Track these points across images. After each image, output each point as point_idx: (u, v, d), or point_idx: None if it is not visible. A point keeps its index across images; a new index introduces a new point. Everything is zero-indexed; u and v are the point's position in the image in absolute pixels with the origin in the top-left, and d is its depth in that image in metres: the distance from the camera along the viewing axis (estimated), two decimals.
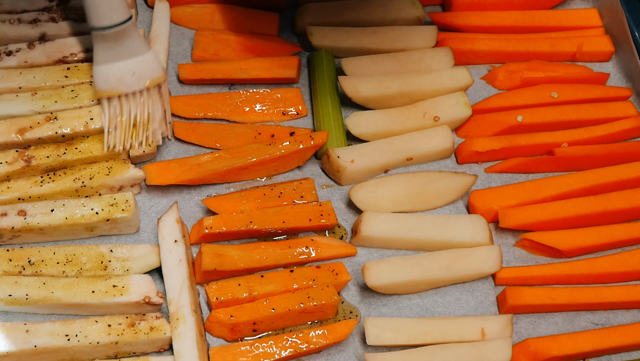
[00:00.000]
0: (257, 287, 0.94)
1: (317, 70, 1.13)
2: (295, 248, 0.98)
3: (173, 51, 1.16)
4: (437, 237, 1.00)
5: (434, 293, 1.00)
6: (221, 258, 0.95)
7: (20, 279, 0.91)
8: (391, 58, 1.14)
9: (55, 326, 0.88)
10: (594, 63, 1.23)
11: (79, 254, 0.94)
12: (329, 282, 0.95)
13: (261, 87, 1.14)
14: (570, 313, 1.00)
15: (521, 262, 1.03)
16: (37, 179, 0.97)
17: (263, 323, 0.93)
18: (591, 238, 1.03)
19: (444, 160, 1.11)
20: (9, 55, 1.05)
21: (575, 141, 1.11)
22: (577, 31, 1.24)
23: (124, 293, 0.90)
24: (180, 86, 1.14)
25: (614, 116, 1.14)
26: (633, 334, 0.96)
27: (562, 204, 1.04)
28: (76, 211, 0.95)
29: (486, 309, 0.99)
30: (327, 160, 1.05)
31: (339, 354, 0.94)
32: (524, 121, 1.11)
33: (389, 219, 1.00)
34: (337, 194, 1.07)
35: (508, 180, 1.10)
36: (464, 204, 1.07)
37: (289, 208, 1.00)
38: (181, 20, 1.19)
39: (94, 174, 0.98)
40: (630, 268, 1.02)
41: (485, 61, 1.21)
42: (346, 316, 0.97)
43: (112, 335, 0.88)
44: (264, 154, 1.03)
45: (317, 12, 1.19)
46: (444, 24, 1.22)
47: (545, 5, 1.27)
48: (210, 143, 1.07)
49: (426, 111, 1.10)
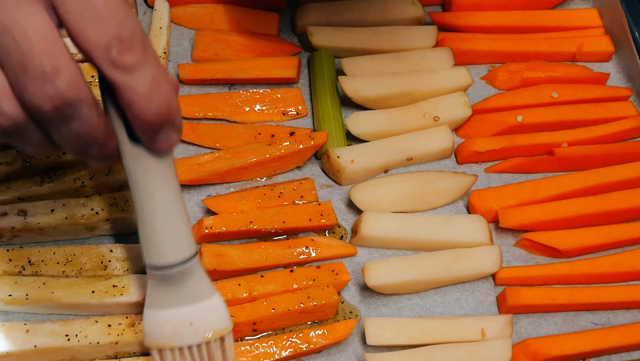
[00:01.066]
0: (257, 287, 0.94)
1: (317, 70, 1.13)
2: (295, 248, 0.98)
3: (173, 51, 1.17)
4: (437, 237, 1.00)
5: (434, 293, 1.00)
6: (221, 258, 0.95)
7: (20, 279, 0.91)
8: (391, 58, 1.14)
9: (55, 326, 0.88)
10: (594, 63, 1.23)
11: (79, 254, 0.94)
12: (329, 282, 0.95)
13: (261, 87, 1.14)
14: (570, 313, 1.00)
15: (521, 262, 1.03)
16: (37, 179, 0.97)
17: (263, 323, 0.93)
18: (591, 238, 1.03)
19: (444, 160, 1.11)
20: None
21: (575, 141, 1.11)
22: (577, 31, 1.24)
23: (124, 293, 0.90)
24: (180, 86, 1.14)
25: (614, 116, 1.14)
26: (633, 334, 0.96)
27: (562, 204, 1.04)
28: (76, 211, 0.95)
29: (486, 309, 0.99)
30: (327, 160, 1.05)
31: (339, 354, 0.94)
32: (524, 121, 1.11)
33: (389, 219, 1.00)
34: (337, 194, 1.07)
35: (508, 180, 1.10)
36: (464, 204, 1.07)
37: (289, 208, 1.00)
38: (181, 20, 1.19)
39: (93, 174, 0.98)
40: (630, 268, 1.02)
41: (485, 61, 1.21)
42: (346, 316, 0.97)
43: (112, 335, 0.88)
44: (264, 154, 1.03)
45: (317, 12, 1.19)
46: (444, 24, 1.22)
47: (545, 5, 1.27)
48: (210, 143, 1.07)
49: (426, 111, 1.10)
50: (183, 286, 0.77)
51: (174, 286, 0.77)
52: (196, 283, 0.78)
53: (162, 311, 0.78)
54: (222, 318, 0.80)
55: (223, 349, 0.81)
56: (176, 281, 0.77)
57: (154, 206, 0.72)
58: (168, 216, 0.73)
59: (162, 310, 0.78)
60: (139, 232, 0.75)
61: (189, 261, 0.76)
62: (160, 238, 0.74)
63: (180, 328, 0.78)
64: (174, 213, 0.73)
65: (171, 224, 0.73)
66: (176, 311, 0.78)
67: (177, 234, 0.74)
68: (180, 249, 0.75)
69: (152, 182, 0.71)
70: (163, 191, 0.72)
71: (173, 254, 0.75)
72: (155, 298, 0.78)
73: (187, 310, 0.78)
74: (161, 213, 0.73)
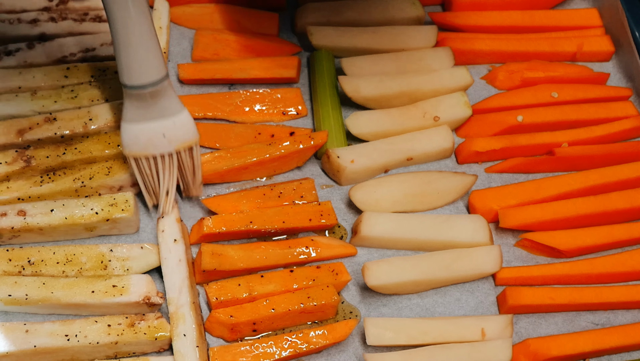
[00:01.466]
0: (257, 287, 0.94)
1: (317, 70, 1.13)
2: (295, 248, 0.98)
3: (173, 51, 1.16)
4: (437, 237, 1.00)
5: (434, 293, 1.00)
6: (221, 258, 0.95)
7: (20, 279, 0.91)
8: (391, 58, 1.14)
9: (55, 326, 0.88)
10: (594, 63, 1.23)
11: (78, 254, 0.94)
12: (329, 282, 0.95)
13: (261, 87, 1.14)
14: (570, 313, 1.00)
15: (521, 262, 1.03)
16: (37, 179, 0.97)
17: (263, 323, 0.93)
18: (591, 238, 1.03)
19: (444, 160, 1.11)
20: (8, 55, 1.05)
21: (575, 141, 1.11)
22: (577, 31, 1.24)
23: (123, 293, 0.90)
24: (180, 86, 1.14)
25: (614, 116, 1.14)
26: (633, 334, 0.96)
27: (562, 204, 1.04)
28: (76, 211, 0.95)
29: (486, 309, 0.99)
30: (327, 160, 1.05)
31: (339, 354, 0.94)
32: (524, 121, 1.11)
33: (389, 219, 1.00)
34: (337, 194, 1.07)
35: (508, 180, 1.10)
36: (464, 204, 1.07)
37: (289, 208, 1.00)
38: (181, 20, 1.19)
39: (93, 174, 0.98)
40: (630, 268, 1.02)
41: (485, 61, 1.21)
42: (346, 316, 0.97)
43: (112, 335, 0.88)
44: (264, 154, 1.03)
45: (317, 12, 1.18)
46: (444, 24, 1.22)
47: (545, 5, 1.27)
48: (210, 143, 1.07)
49: (426, 111, 1.10)
50: (155, 104, 0.88)
51: (147, 103, 0.88)
52: (167, 101, 0.89)
53: (138, 124, 0.90)
54: (190, 130, 0.92)
55: (191, 157, 0.95)
56: (149, 99, 0.87)
57: (128, 34, 0.83)
58: (141, 43, 0.83)
59: (138, 124, 0.90)
60: (115, 55, 0.85)
61: (160, 83, 0.87)
62: (134, 61, 0.84)
63: (154, 139, 0.90)
64: (147, 40, 0.84)
65: (144, 49, 0.84)
66: (150, 124, 0.90)
67: (149, 58, 0.85)
68: (152, 71, 0.86)
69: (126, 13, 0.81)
70: (137, 21, 0.82)
71: (146, 76, 0.86)
72: (132, 113, 0.89)
73: (160, 124, 0.90)
74: (135, 40, 0.83)
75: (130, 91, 0.87)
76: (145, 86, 0.86)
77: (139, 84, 0.86)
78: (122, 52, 0.84)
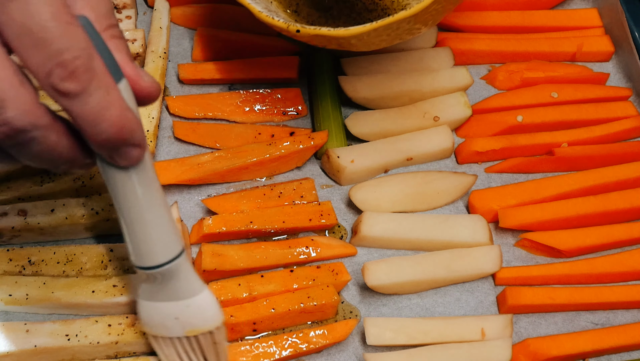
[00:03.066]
0: (257, 287, 0.94)
1: (317, 70, 1.13)
2: (295, 248, 0.98)
3: (173, 51, 1.17)
4: (437, 237, 1.00)
5: (434, 293, 1.00)
6: (221, 258, 0.95)
7: (20, 279, 0.91)
8: (391, 58, 1.14)
9: (55, 326, 0.88)
10: (594, 63, 1.23)
11: (79, 253, 0.94)
12: (329, 282, 0.95)
13: (261, 87, 1.14)
14: (570, 313, 1.00)
15: (521, 262, 1.03)
16: (37, 179, 0.97)
17: (263, 323, 0.93)
18: (591, 238, 1.03)
19: (444, 160, 1.11)
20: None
21: (575, 141, 1.11)
22: (577, 31, 1.24)
23: (124, 293, 0.90)
24: (180, 86, 1.14)
25: (614, 116, 1.14)
26: (633, 334, 0.96)
27: (562, 204, 1.04)
28: (76, 211, 0.95)
29: (486, 309, 0.99)
30: (327, 160, 1.05)
31: (339, 354, 0.94)
32: (524, 121, 1.11)
33: (389, 219, 1.00)
34: (337, 194, 1.07)
35: (508, 180, 1.10)
36: (464, 204, 1.07)
37: (289, 208, 1.00)
38: (181, 20, 1.19)
39: (93, 174, 0.98)
40: (630, 268, 1.02)
41: (485, 61, 1.21)
42: (346, 316, 0.97)
43: (112, 334, 0.88)
44: (264, 154, 1.03)
45: None
46: (444, 24, 1.22)
47: (545, 5, 1.27)
48: (210, 143, 1.07)
49: (426, 111, 1.10)
50: (168, 284, 0.79)
51: (159, 282, 0.79)
52: (181, 281, 0.79)
53: (150, 303, 0.82)
54: (209, 314, 0.82)
55: (214, 342, 0.84)
56: (161, 279, 0.78)
57: (132, 214, 0.73)
58: (147, 223, 0.73)
59: (151, 302, 0.82)
60: (122, 234, 0.76)
61: (172, 262, 0.77)
62: (139, 243, 0.75)
63: (166, 321, 0.81)
64: (154, 219, 0.74)
65: (151, 229, 0.74)
66: (162, 305, 0.81)
67: (157, 239, 0.75)
68: (160, 252, 0.76)
69: (128, 191, 0.71)
70: (141, 199, 0.72)
71: (154, 257, 0.76)
72: (144, 290, 0.82)
73: (173, 306, 0.80)
74: (141, 219, 0.73)
75: (139, 270, 0.78)
76: (153, 268, 0.77)
77: (150, 265, 0.76)
78: (127, 231, 0.75)
